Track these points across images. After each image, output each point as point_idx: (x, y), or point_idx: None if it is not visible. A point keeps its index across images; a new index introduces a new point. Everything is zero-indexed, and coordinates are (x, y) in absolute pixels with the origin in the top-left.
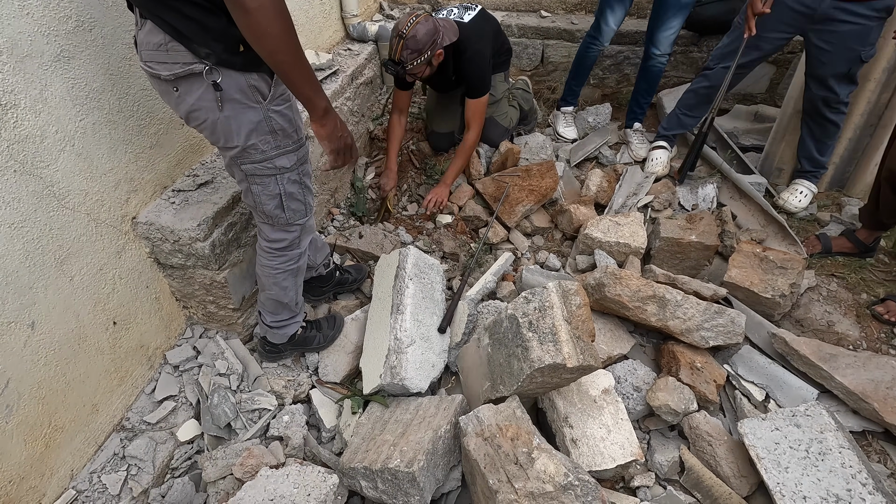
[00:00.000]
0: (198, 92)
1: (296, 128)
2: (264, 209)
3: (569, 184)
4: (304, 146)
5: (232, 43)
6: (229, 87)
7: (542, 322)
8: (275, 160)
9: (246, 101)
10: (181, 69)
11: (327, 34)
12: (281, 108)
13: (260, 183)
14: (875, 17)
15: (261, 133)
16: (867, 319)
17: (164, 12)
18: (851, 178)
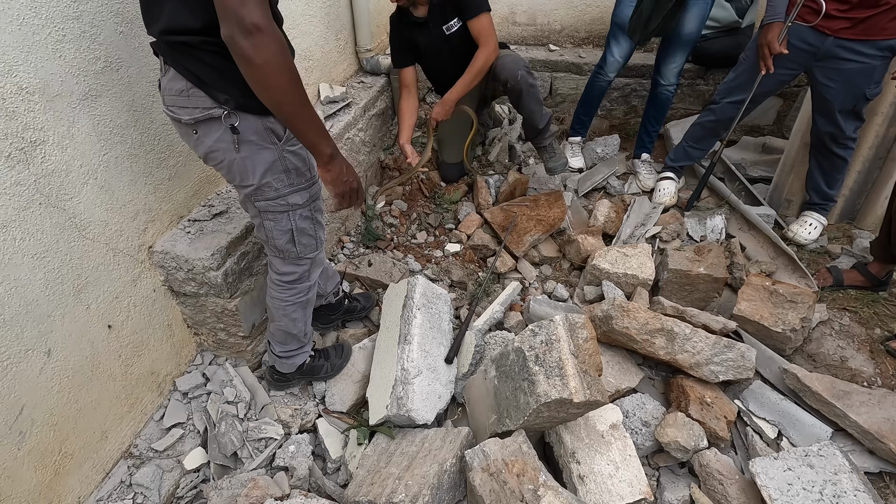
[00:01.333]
0: (216, 134)
1: (309, 167)
2: (276, 243)
3: (577, 214)
4: (317, 184)
5: (249, 88)
6: (246, 129)
7: (549, 356)
8: (287, 197)
9: (262, 142)
10: (201, 114)
11: (342, 68)
12: (295, 149)
13: (273, 219)
14: (879, 57)
15: (275, 172)
16: (881, 355)
17: (186, 61)
18: (862, 211)
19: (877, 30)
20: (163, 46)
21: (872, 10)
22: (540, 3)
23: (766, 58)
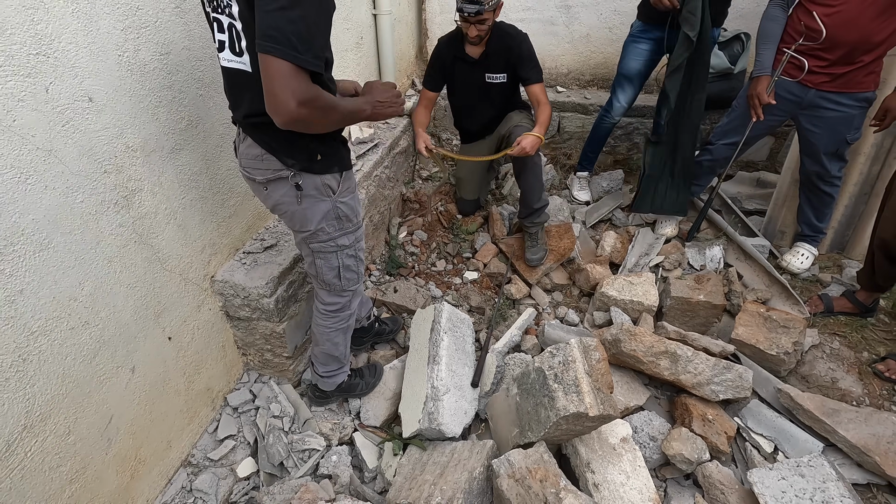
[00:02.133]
0: (283, 190)
1: (356, 213)
2: (324, 278)
3: (585, 244)
4: (361, 227)
5: (312, 154)
6: (307, 186)
7: (566, 374)
8: (337, 240)
9: (319, 196)
10: (272, 174)
11: None
12: (346, 199)
13: (323, 258)
14: (857, 107)
15: (329, 219)
16: (869, 377)
17: (261, 133)
18: (850, 242)
19: (853, 84)
20: (242, 122)
21: (849, 66)
22: (548, 49)
23: (756, 107)
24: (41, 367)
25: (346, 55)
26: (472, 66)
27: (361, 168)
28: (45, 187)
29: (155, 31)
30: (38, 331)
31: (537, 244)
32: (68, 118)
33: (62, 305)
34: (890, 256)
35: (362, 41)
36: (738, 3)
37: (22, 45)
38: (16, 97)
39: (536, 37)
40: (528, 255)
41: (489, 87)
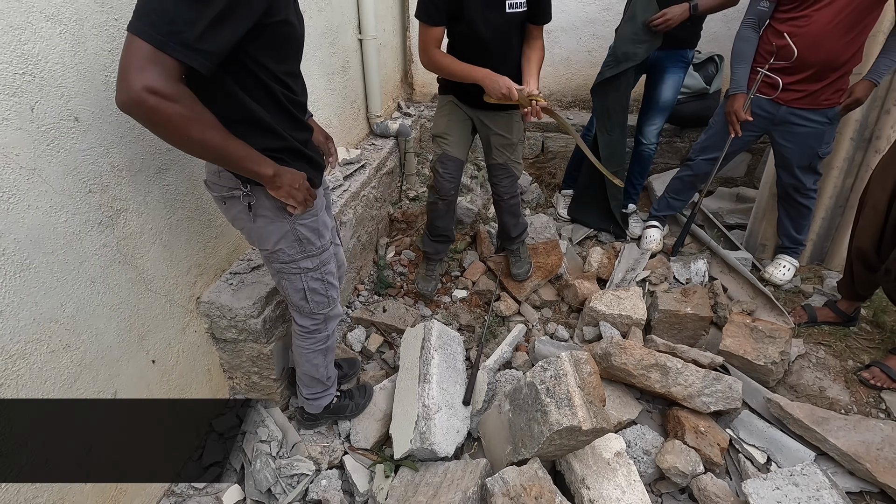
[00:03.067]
0: (238, 207)
1: (319, 236)
2: (292, 300)
3: (572, 260)
4: (328, 251)
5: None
6: (261, 206)
7: (558, 388)
8: (299, 262)
9: (274, 216)
10: (226, 192)
11: (356, 132)
12: (307, 221)
13: (287, 279)
14: (826, 122)
15: (287, 241)
16: (855, 385)
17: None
18: (829, 253)
19: (822, 100)
20: None
21: (817, 84)
22: None
23: (733, 123)
24: (18, 392)
25: (332, 79)
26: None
27: (349, 188)
28: (28, 206)
29: None
30: (17, 354)
31: (521, 259)
32: (53, 137)
33: (42, 328)
34: (868, 265)
35: (348, 65)
36: (710, 26)
37: (8, 64)
38: (0, 116)
39: None
40: (513, 270)
41: (510, 19)
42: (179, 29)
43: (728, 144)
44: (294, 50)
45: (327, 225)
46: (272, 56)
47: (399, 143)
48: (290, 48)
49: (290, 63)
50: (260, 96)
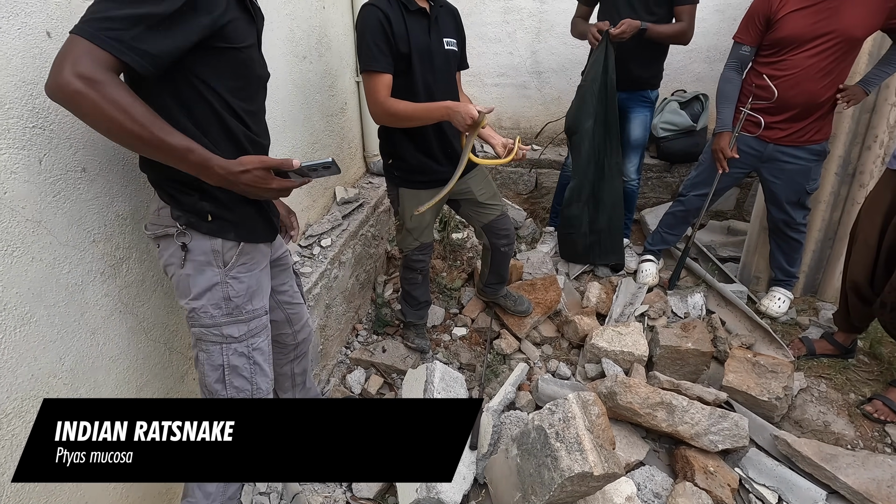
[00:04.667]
0: (170, 250)
1: (251, 298)
2: (206, 381)
3: (570, 295)
4: (260, 320)
5: (200, 211)
6: (195, 248)
7: (568, 432)
8: (223, 328)
9: (206, 263)
10: (161, 231)
11: (353, 171)
12: (242, 276)
13: (206, 349)
14: (813, 159)
15: (214, 297)
16: (859, 418)
17: (157, 187)
18: (822, 285)
19: (807, 138)
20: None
21: (801, 123)
22: (522, 111)
23: (721, 161)
24: (12, 453)
25: (331, 120)
26: (426, 23)
27: (347, 228)
28: (32, 259)
29: None
30: (13, 413)
31: (516, 297)
32: (60, 189)
33: (41, 383)
34: (862, 298)
35: (346, 106)
36: (694, 68)
37: (19, 118)
38: (9, 170)
39: (511, 100)
40: (517, 309)
41: (449, 56)
42: (118, 27)
43: (717, 181)
44: (254, 86)
45: (264, 289)
46: (229, 86)
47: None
48: (249, 82)
49: (250, 100)
50: (215, 132)
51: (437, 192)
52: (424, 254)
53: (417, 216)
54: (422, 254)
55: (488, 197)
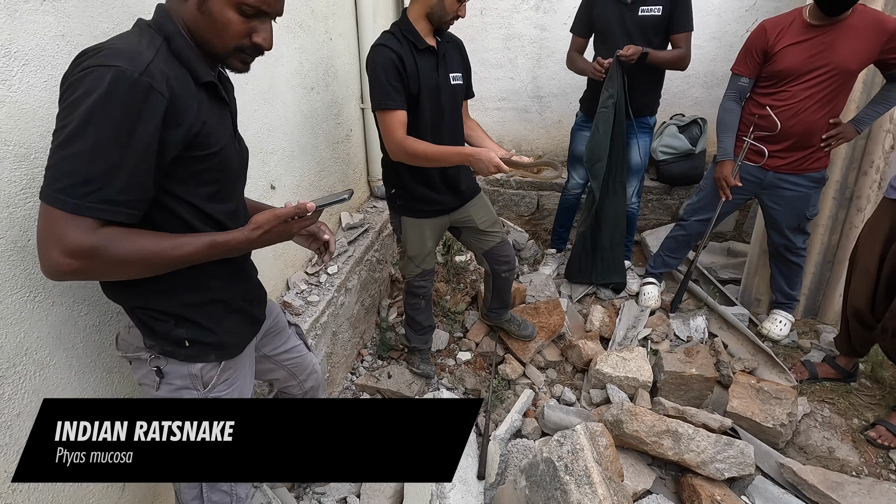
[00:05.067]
0: (143, 370)
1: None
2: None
3: (573, 318)
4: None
5: (177, 340)
6: (171, 372)
7: (576, 464)
8: None
9: (184, 388)
10: (132, 352)
11: (357, 195)
12: (223, 392)
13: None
14: (812, 186)
15: None
16: (863, 444)
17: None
18: (822, 307)
19: (806, 166)
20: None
21: (801, 151)
22: (524, 134)
23: (724, 188)
24: (29, 497)
25: (337, 147)
26: (434, 60)
27: (353, 254)
28: (53, 303)
29: None
30: None
31: (520, 322)
32: None
33: None
34: (863, 323)
35: (352, 133)
36: (692, 92)
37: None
38: (32, 217)
39: (513, 124)
40: (522, 333)
41: (457, 92)
42: (97, 186)
43: (720, 206)
44: (231, 184)
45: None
46: (203, 194)
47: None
48: (226, 182)
49: (227, 200)
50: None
51: (439, 220)
52: (426, 280)
53: (419, 244)
54: (423, 280)
55: (489, 224)
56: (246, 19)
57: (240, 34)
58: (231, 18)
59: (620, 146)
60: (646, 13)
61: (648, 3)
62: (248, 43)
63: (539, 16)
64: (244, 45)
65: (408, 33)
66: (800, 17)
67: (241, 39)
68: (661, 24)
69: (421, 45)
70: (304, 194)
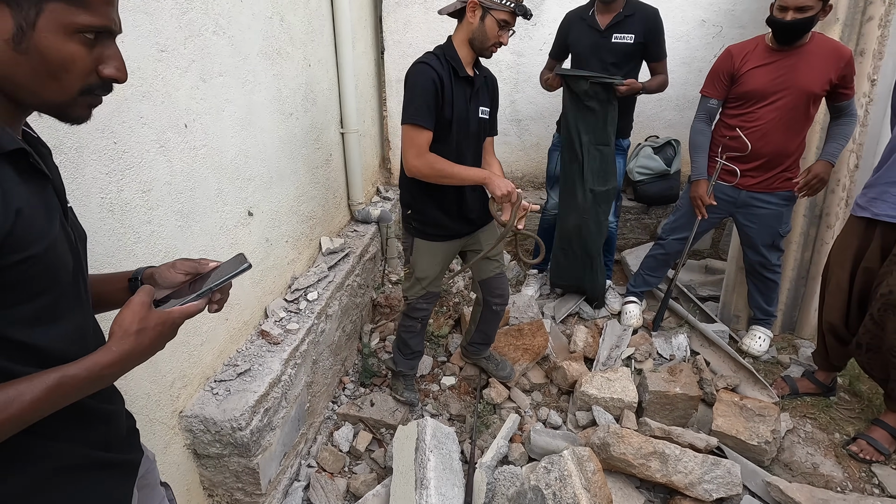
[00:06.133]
0: None
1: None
2: None
3: (556, 339)
4: None
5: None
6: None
7: (565, 492)
8: None
9: None
10: None
11: (338, 220)
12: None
13: None
14: (783, 204)
15: None
16: (846, 459)
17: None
18: (799, 322)
19: (776, 185)
20: None
21: (771, 171)
22: (503, 157)
23: (699, 207)
24: None
25: (316, 172)
26: (469, 91)
27: (333, 279)
28: None
29: (139, 170)
30: None
31: (499, 360)
32: None
33: None
34: (839, 339)
35: (331, 158)
36: (665, 115)
37: None
38: None
39: None
40: (500, 374)
41: (482, 126)
42: None
43: (697, 225)
44: (65, 295)
45: None
46: (16, 317)
47: (380, 227)
48: (61, 292)
49: (59, 319)
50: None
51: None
52: (429, 303)
53: (429, 266)
54: (426, 302)
55: (494, 253)
56: (89, 48)
57: (86, 71)
58: (74, 52)
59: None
60: (619, 40)
61: (622, 30)
62: (96, 80)
63: (515, 42)
64: (92, 85)
65: (451, 59)
66: (763, 42)
67: (89, 77)
68: (633, 51)
69: (461, 73)
70: (283, 220)
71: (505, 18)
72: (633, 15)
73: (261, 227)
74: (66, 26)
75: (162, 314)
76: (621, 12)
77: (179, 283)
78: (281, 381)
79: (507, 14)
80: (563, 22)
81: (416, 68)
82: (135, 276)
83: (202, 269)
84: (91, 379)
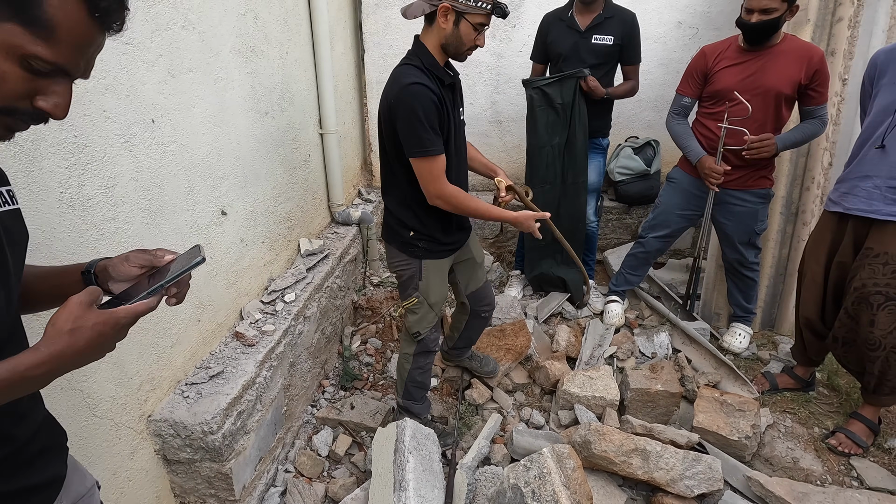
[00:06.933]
0: None
1: None
2: None
3: (539, 339)
4: None
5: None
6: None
7: (544, 489)
8: None
9: None
10: None
11: (317, 221)
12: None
13: None
14: (758, 202)
15: None
16: (825, 453)
17: None
18: (778, 319)
19: (752, 182)
20: None
21: (745, 170)
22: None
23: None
24: None
25: (294, 173)
26: (452, 97)
27: (312, 281)
28: None
29: (102, 165)
30: None
31: (482, 357)
32: None
33: None
34: (816, 333)
35: (310, 158)
36: (644, 115)
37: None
38: None
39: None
40: (485, 370)
41: (462, 128)
42: None
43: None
44: None
45: None
46: None
47: (361, 229)
48: None
49: None
50: None
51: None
52: (437, 329)
53: (440, 286)
54: (436, 331)
55: (482, 259)
56: (32, 75)
57: (16, 94)
58: (6, 71)
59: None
60: (598, 41)
61: (601, 32)
62: (27, 106)
63: (495, 44)
64: (18, 108)
65: (433, 68)
66: (735, 42)
67: (18, 101)
68: (612, 52)
69: (446, 81)
70: (259, 220)
71: (481, 21)
72: (612, 17)
73: (235, 227)
74: (11, 48)
75: (103, 314)
76: (601, 14)
77: (135, 276)
78: (255, 384)
79: (483, 16)
80: (542, 24)
81: (411, 91)
82: (88, 269)
83: (157, 261)
84: (11, 381)
